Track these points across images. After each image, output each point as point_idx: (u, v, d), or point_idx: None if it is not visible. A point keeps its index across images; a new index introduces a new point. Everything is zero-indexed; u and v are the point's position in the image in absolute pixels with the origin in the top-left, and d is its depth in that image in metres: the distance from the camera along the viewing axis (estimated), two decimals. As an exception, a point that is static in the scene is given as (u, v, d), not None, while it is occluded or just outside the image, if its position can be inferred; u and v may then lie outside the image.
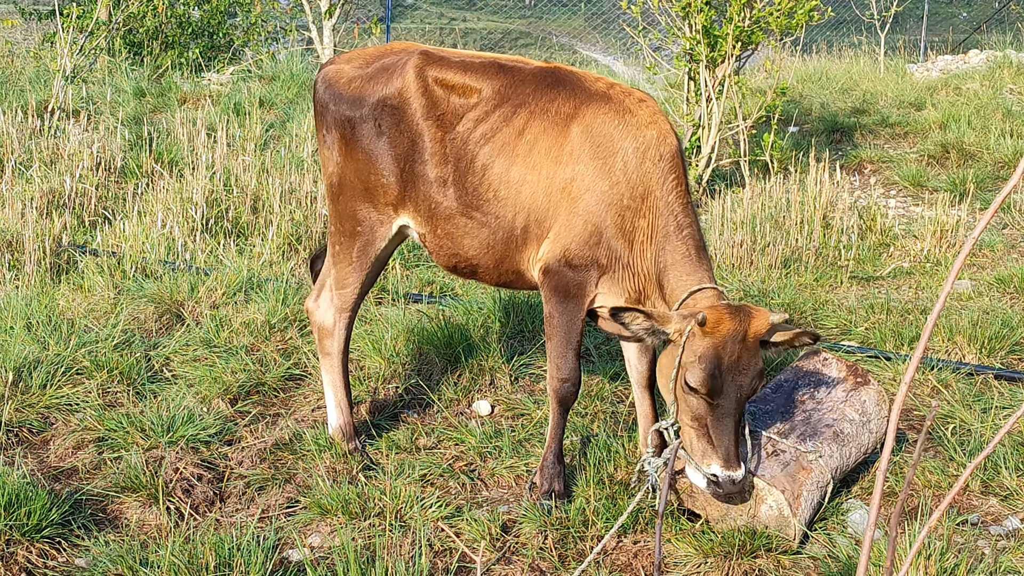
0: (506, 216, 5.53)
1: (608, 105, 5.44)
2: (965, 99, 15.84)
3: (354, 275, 6.03)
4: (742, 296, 8.64)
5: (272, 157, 11.22)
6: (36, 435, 6.18)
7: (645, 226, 5.33)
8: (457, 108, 5.65)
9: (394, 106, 5.74)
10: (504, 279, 5.76)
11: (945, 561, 4.73)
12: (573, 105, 5.48)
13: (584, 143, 5.37)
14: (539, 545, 5.20)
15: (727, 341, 4.91)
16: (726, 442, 4.96)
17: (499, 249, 5.61)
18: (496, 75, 5.67)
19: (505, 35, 40.39)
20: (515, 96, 5.58)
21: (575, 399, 5.59)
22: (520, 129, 5.51)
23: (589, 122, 5.40)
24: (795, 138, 14.02)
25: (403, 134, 5.72)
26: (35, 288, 8.14)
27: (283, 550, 5.16)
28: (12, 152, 10.80)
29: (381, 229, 5.92)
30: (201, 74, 16.87)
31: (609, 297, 5.43)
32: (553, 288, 5.41)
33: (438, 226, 5.73)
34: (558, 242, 5.37)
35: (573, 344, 5.46)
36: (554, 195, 5.39)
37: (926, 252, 9.83)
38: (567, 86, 5.56)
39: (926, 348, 7.34)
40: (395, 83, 5.75)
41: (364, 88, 5.84)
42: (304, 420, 6.53)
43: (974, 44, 24.97)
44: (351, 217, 5.95)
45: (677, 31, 12.21)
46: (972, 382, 6.97)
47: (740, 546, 5.06)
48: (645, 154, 5.34)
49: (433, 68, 5.73)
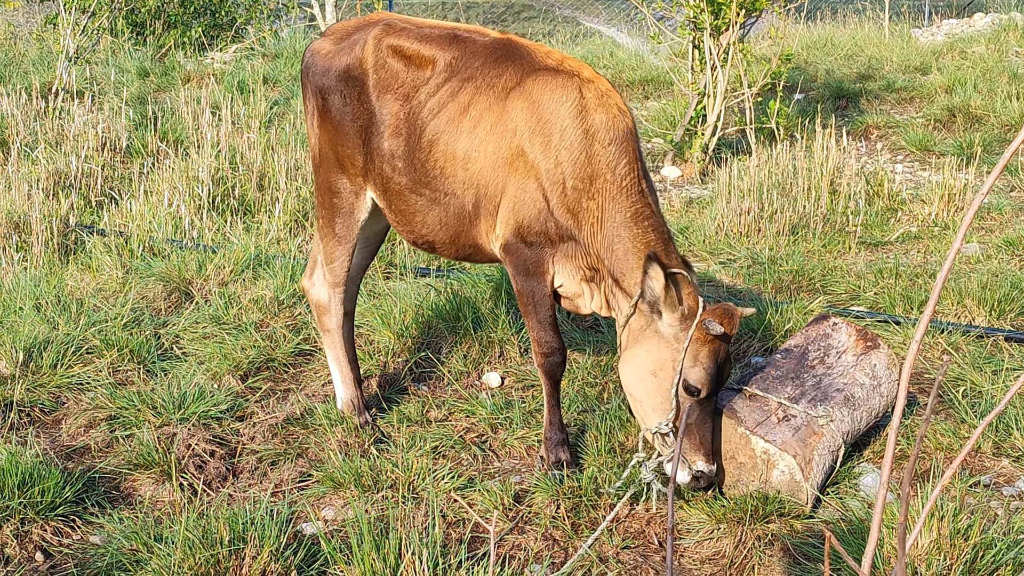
0: (455, 192, 5.47)
1: (556, 80, 5.30)
2: (971, 63, 15.77)
3: (340, 248, 6.02)
4: (750, 264, 8.64)
5: (277, 134, 11.22)
6: (48, 415, 6.20)
7: (595, 208, 5.24)
8: (411, 80, 5.61)
9: (354, 76, 5.74)
10: (462, 253, 5.73)
11: (958, 522, 4.73)
12: (519, 80, 5.36)
13: (529, 119, 5.27)
14: (551, 514, 5.21)
15: (723, 344, 5.03)
16: (709, 438, 5.11)
17: (452, 224, 5.57)
18: (449, 46, 5.60)
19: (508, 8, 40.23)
20: (464, 69, 5.50)
21: (563, 369, 5.57)
22: (466, 104, 5.42)
23: (536, 98, 5.28)
24: (801, 105, 13.98)
25: (363, 105, 5.72)
26: (43, 269, 8.16)
27: (297, 524, 5.18)
28: (17, 134, 10.81)
29: (357, 201, 5.92)
30: (204, 53, 16.86)
31: (564, 276, 5.42)
32: (515, 266, 5.40)
33: (391, 201, 5.72)
34: (511, 219, 5.32)
35: (546, 318, 5.45)
36: (500, 170, 5.33)
37: (934, 216, 9.80)
38: (516, 60, 5.45)
39: (936, 311, 7.33)
40: (355, 53, 5.76)
41: (333, 59, 5.85)
42: (315, 395, 6.54)
43: (979, 7, 24.83)
44: (329, 189, 5.97)
45: (681, 0, 12.16)
46: (982, 344, 6.96)
47: (752, 511, 5.07)
48: (593, 136, 5.21)
49: (390, 38, 5.69)
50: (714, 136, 11.91)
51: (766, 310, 7.21)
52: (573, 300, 5.52)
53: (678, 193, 11.16)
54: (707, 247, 9.25)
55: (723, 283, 8.22)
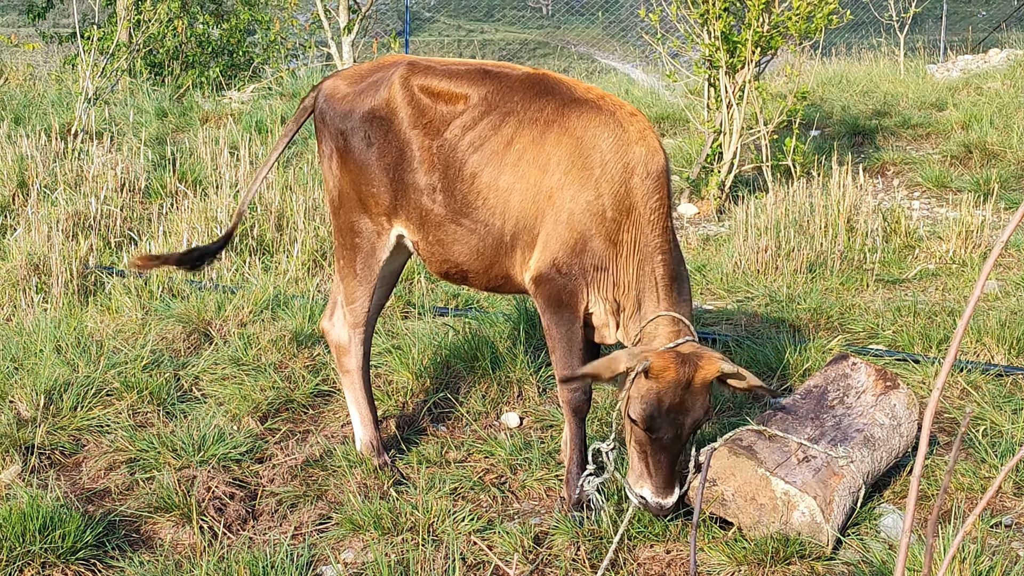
0: (495, 223, 5.55)
1: (598, 116, 5.42)
2: (987, 98, 15.79)
3: (361, 289, 6.06)
4: (768, 303, 8.63)
5: (295, 174, 11.27)
6: (68, 457, 6.21)
7: (629, 240, 5.34)
8: (444, 115, 5.68)
9: (382, 117, 5.79)
10: (493, 283, 5.81)
11: (980, 564, 4.71)
12: (562, 114, 5.47)
13: (571, 152, 5.37)
14: (572, 556, 5.20)
15: (669, 388, 5.02)
16: (661, 471, 5.10)
17: (488, 255, 5.65)
18: (483, 82, 5.69)
19: (523, 45, 40.44)
20: (503, 104, 5.59)
21: (588, 407, 5.59)
22: (509, 137, 5.51)
23: (580, 133, 5.39)
24: (817, 142, 14.00)
25: (391, 143, 5.77)
26: (63, 310, 8.19)
27: (317, 567, 5.17)
28: (37, 175, 10.87)
29: (379, 240, 5.97)
30: (222, 93, 16.96)
31: (594, 307, 5.49)
32: (547, 298, 5.44)
33: (429, 233, 5.76)
34: (547, 251, 5.39)
35: (576, 352, 5.48)
36: (540, 202, 5.41)
37: (952, 253, 9.80)
38: (556, 95, 5.55)
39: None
40: (382, 94, 5.81)
41: (355, 101, 5.91)
42: (334, 436, 6.54)
43: (994, 43, 24.87)
44: (350, 229, 6.01)
45: (696, 38, 12.22)
46: (1002, 383, 6.94)
47: (773, 553, 5.05)
48: (633, 169, 5.32)
49: (418, 77, 5.76)
50: (730, 173, 11.95)
51: (784, 349, 7.21)
52: (600, 330, 5.58)
53: (695, 230, 11.18)
54: (724, 285, 9.25)
55: (740, 322, 8.22)
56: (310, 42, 20.08)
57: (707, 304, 8.92)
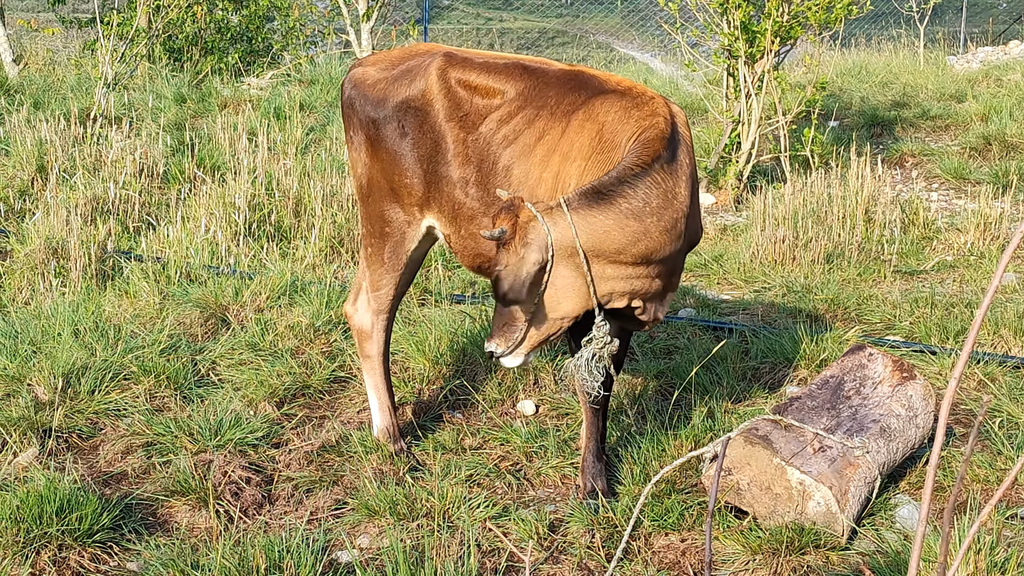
0: None
1: (620, 101, 5.31)
2: (1006, 90, 15.72)
3: (388, 276, 6.06)
4: (785, 293, 8.63)
5: (313, 160, 11.28)
6: (86, 440, 6.23)
7: None
8: (480, 109, 5.64)
9: (417, 107, 5.76)
10: None
11: (995, 555, 4.71)
12: (587, 103, 5.40)
13: (592, 139, 5.30)
14: (586, 544, 5.21)
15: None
16: (497, 324, 5.03)
17: None
18: (520, 77, 5.64)
19: (541, 34, 40.37)
20: (538, 99, 5.54)
21: (606, 397, 5.58)
22: (540, 132, 5.47)
23: (602, 119, 5.31)
24: (835, 132, 13.96)
25: (426, 135, 5.74)
26: (81, 295, 8.21)
27: (332, 552, 5.19)
28: (56, 160, 10.89)
29: (410, 230, 5.96)
30: (240, 79, 16.97)
31: None
32: None
33: (462, 226, 5.73)
34: None
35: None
36: (566, 191, 5.35)
37: (970, 245, 9.78)
38: (588, 88, 5.49)
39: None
40: (418, 84, 5.78)
41: (388, 90, 5.87)
42: (350, 422, 6.56)
43: (1015, 35, 24.78)
44: (380, 218, 5.99)
45: (715, 27, 12.19)
46: (1019, 375, 6.92)
47: (788, 543, 5.05)
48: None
49: (456, 69, 5.72)
50: (748, 163, 11.93)
51: (801, 339, 7.21)
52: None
53: (712, 220, 11.16)
54: (741, 275, 9.24)
55: (757, 312, 8.21)
56: (329, 29, 20.05)
57: (724, 294, 8.91)
